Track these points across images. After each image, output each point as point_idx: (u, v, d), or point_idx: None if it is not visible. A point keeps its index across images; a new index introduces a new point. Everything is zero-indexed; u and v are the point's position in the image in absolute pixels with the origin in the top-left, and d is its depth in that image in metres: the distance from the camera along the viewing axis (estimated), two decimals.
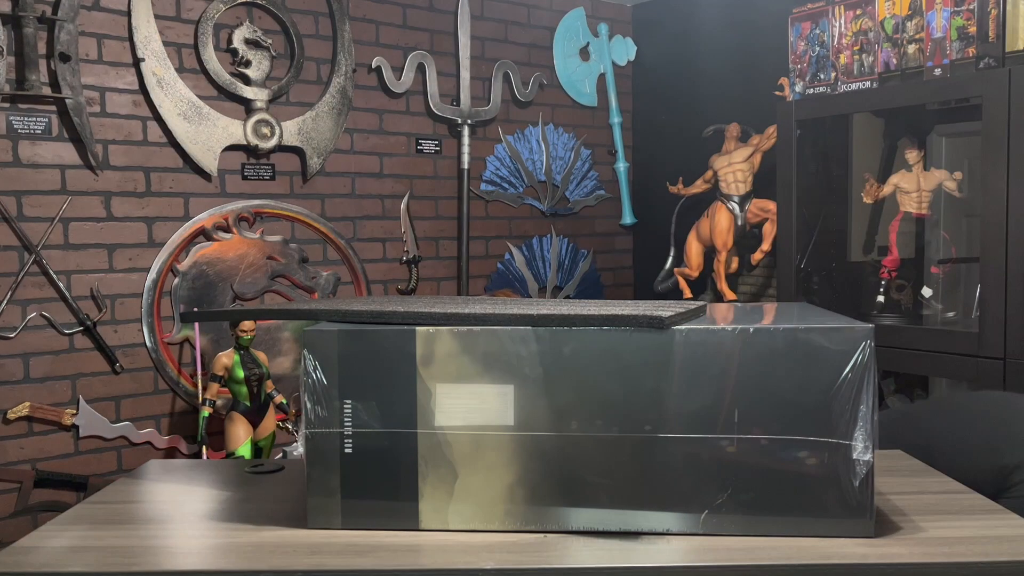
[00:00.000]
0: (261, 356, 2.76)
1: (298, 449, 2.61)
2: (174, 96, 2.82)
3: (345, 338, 1.15)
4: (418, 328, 1.14)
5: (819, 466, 1.10)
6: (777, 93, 3.00)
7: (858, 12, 2.66)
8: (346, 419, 1.15)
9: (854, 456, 1.09)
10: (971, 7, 2.36)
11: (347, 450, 1.15)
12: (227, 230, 2.97)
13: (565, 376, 1.12)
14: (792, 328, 1.11)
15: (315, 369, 1.14)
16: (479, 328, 1.14)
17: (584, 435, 1.13)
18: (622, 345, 1.11)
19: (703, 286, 3.57)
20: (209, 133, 2.89)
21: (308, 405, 1.15)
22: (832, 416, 1.09)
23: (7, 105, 2.53)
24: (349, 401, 1.15)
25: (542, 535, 1.14)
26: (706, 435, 1.11)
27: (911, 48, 2.52)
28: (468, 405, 1.14)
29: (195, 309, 2.87)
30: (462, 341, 1.14)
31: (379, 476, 1.15)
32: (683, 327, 1.11)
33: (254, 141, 2.96)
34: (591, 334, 1.12)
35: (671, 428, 1.12)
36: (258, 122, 2.97)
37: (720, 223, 3.34)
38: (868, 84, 2.64)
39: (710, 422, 1.11)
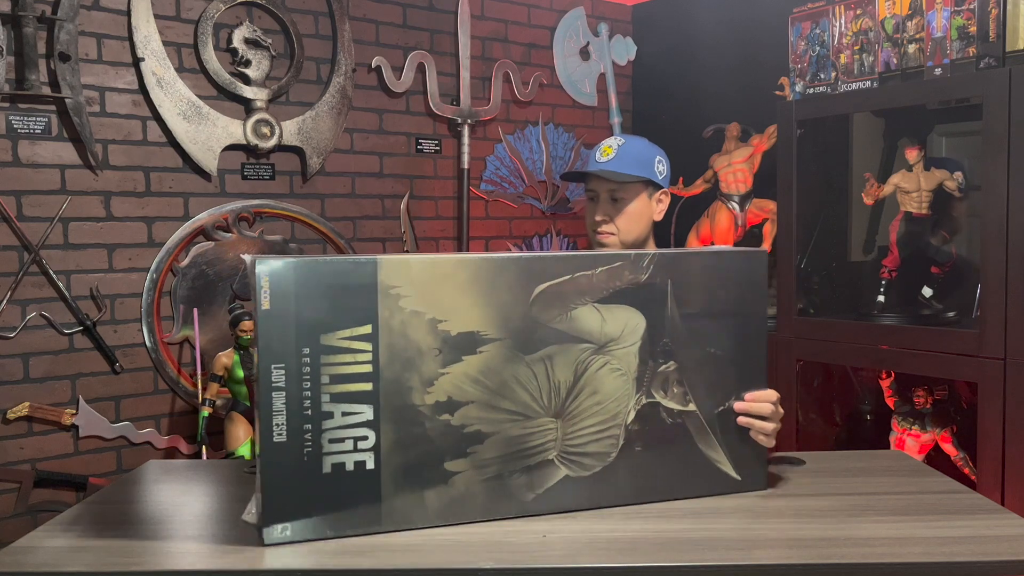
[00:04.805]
0: None
1: None
2: (174, 96, 2.82)
3: None
4: None
5: None
6: (777, 93, 3.00)
7: (858, 12, 2.65)
8: None
9: None
10: (971, 7, 2.36)
11: None
12: (227, 230, 2.96)
13: None
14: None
15: None
16: None
17: None
18: None
19: None
20: (209, 133, 2.88)
21: None
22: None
23: (7, 105, 2.53)
24: None
25: (542, 535, 1.14)
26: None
27: (911, 48, 2.52)
28: None
29: (195, 309, 2.87)
30: None
31: None
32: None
33: (254, 141, 2.96)
34: None
35: None
36: (258, 122, 2.97)
37: (720, 223, 3.34)
38: (868, 84, 2.64)
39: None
